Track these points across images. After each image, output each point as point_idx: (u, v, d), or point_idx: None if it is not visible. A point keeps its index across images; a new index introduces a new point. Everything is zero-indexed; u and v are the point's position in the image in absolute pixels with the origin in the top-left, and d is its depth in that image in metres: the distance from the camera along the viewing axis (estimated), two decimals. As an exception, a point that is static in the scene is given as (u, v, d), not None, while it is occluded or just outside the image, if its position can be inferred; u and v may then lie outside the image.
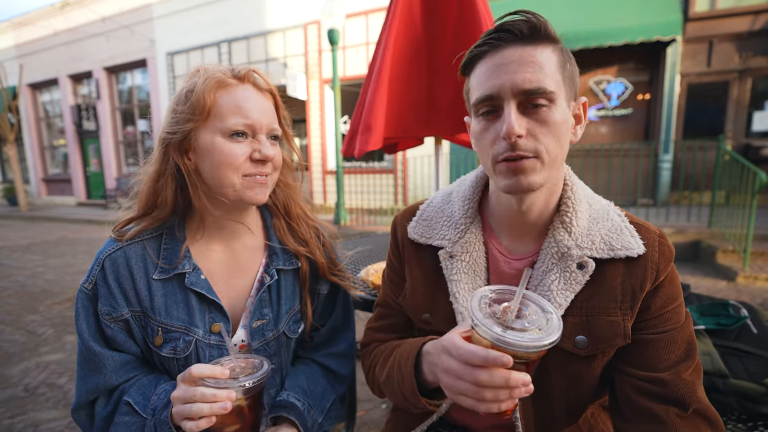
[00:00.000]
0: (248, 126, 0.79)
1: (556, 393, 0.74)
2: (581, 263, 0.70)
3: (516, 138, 0.63)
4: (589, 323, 0.69)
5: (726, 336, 1.22)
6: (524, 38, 0.64)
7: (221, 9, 10.04)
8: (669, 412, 0.64)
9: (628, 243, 0.69)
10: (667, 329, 0.69)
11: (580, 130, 0.73)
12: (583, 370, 0.71)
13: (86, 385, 0.79)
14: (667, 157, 6.97)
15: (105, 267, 0.80)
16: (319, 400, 0.94)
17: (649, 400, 0.66)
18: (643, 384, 0.67)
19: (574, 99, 0.70)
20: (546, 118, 0.64)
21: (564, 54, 0.67)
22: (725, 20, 6.53)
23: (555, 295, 0.70)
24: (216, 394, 0.65)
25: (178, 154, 0.80)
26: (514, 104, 0.64)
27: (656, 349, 0.68)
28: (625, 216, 0.75)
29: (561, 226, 0.73)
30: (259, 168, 0.81)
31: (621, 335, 0.68)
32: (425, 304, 0.83)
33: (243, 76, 0.81)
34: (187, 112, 0.78)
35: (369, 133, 1.60)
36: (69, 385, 2.51)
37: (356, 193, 8.80)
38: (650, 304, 0.69)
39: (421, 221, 0.87)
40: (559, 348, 0.68)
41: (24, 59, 13.58)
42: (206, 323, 0.85)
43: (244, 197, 0.81)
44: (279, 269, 0.93)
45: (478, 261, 0.79)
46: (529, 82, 0.63)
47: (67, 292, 4.39)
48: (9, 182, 14.83)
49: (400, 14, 1.63)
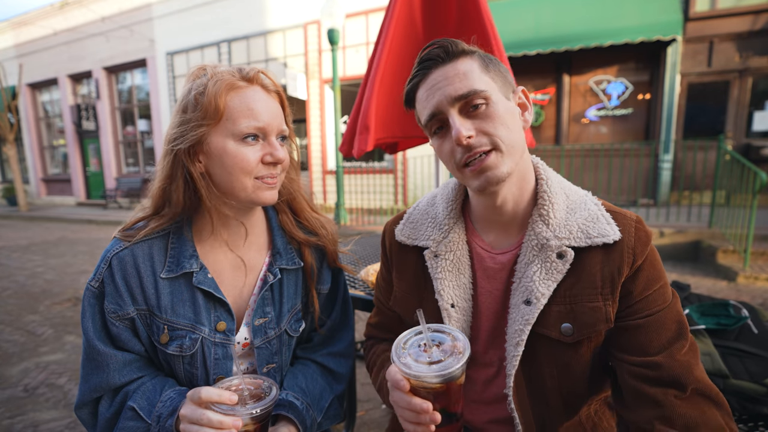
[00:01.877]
0: (260, 129, 0.79)
1: (548, 382, 0.76)
2: (560, 253, 0.72)
3: (467, 140, 0.69)
4: (573, 311, 0.72)
5: (726, 336, 1.22)
6: (444, 60, 0.73)
7: (221, 9, 10.04)
8: (667, 395, 0.65)
9: (605, 230, 0.72)
10: (653, 311, 0.70)
11: (528, 115, 0.79)
12: (571, 357, 0.73)
13: (88, 383, 0.80)
14: (667, 157, 6.97)
15: (112, 265, 0.80)
16: (317, 400, 0.94)
17: (647, 384, 0.67)
18: (639, 369, 0.68)
19: (512, 91, 0.77)
20: (488, 113, 0.71)
21: (484, 59, 0.75)
22: (725, 20, 6.53)
23: (537, 285, 0.72)
24: (222, 421, 0.65)
25: (188, 158, 0.80)
26: (454, 112, 0.71)
27: (646, 332, 0.69)
28: (602, 205, 0.77)
29: (539, 219, 0.76)
30: (271, 170, 0.82)
31: (603, 320, 0.70)
32: (415, 303, 0.86)
33: (252, 77, 0.81)
34: (199, 117, 0.77)
35: (367, 133, 1.60)
36: (69, 385, 2.51)
37: (356, 193, 8.80)
38: (631, 288, 0.70)
39: (408, 224, 0.91)
40: (546, 337, 0.73)
41: (24, 59, 13.58)
42: (212, 321, 0.85)
43: (255, 199, 0.82)
44: (282, 268, 0.94)
45: (461, 259, 0.83)
46: (460, 89, 0.70)
47: (66, 292, 4.39)
48: (8, 182, 14.84)
49: (399, 14, 1.63)
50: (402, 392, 0.63)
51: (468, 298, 0.82)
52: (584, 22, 6.74)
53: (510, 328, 0.76)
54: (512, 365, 0.75)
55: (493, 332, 0.83)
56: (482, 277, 0.83)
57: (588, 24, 6.70)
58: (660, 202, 7.00)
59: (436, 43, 0.74)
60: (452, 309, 0.80)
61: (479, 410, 0.87)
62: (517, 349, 0.74)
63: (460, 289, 0.82)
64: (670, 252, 5.09)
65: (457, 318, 0.81)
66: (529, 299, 0.73)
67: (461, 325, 0.81)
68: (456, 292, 0.81)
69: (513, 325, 0.75)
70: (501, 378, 0.82)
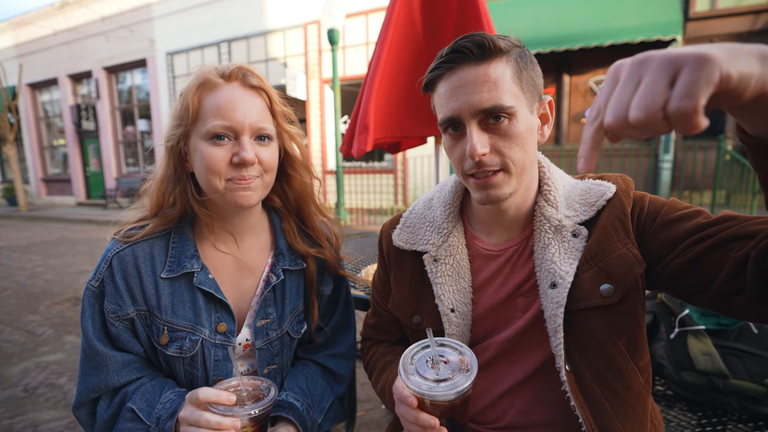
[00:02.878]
0: (228, 128, 0.76)
1: (618, 358, 0.70)
2: (574, 232, 0.74)
3: (480, 156, 0.67)
4: (603, 270, 0.70)
5: (726, 336, 1.22)
6: (476, 57, 0.67)
7: (221, 9, 10.04)
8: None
9: (600, 191, 0.75)
10: (685, 210, 0.68)
11: (547, 129, 0.77)
12: (628, 319, 0.70)
13: (86, 383, 0.79)
14: (667, 157, 6.97)
15: (113, 265, 0.80)
16: (318, 401, 0.94)
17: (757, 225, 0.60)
18: (720, 233, 0.62)
19: (539, 101, 0.73)
20: (508, 131, 0.68)
21: (519, 62, 0.69)
22: (725, 20, 6.53)
23: (559, 265, 0.72)
24: (221, 422, 0.65)
25: (179, 159, 0.81)
26: (474, 123, 0.68)
27: (695, 220, 0.65)
28: (588, 178, 0.81)
29: (546, 204, 0.77)
30: (241, 172, 0.78)
31: (635, 262, 0.69)
32: (414, 307, 0.86)
33: (229, 74, 0.79)
34: (179, 117, 0.78)
35: (367, 133, 1.60)
36: (69, 385, 2.51)
37: (356, 193, 8.80)
38: (643, 221, 0.71)
39: (405, 228, 0.89)
40: (592, 309, 0.69)
41: (23, 59, 13.58)
42: (212, 323, 0.85)
43: (229, 201, 0.80)
44: (285, 269, 0.93)
45: (461, 263, 0.82)
46: (487, 101, 0.66)
47: (66, 292, 4.39)
48: (8, 182, 14.83)
49: (399, 14, 1.63)
50: (410, 408, 0.63)
51: (467, 302, 0.81)
52: (584, 21, 6.74)
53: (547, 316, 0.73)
54: (558, 355, 0.70)
55: (494, 334, 0.82)
56: (485, 279, 0.82)
57: (588, 24, 6.70)
58: (660, 202, 6.99)
59: (472, 36, 0.68)
60: (452, 314, 0.80)
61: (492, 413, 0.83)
62: (557, 336, 0.70)
63: (460, 293, 0.81)
64: (670, 252, 5.09)
65: (456, 322, 0.80)
66: (554, 282, 0.71)
67: (461, 329, 0.81)
68: (456, 297, 0.81)
69: (547, 312, 0.72)
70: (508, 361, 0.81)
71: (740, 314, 0.62)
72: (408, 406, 0.63)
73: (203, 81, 0.78)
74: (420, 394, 0.62)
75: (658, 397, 1.21)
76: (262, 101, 0.83)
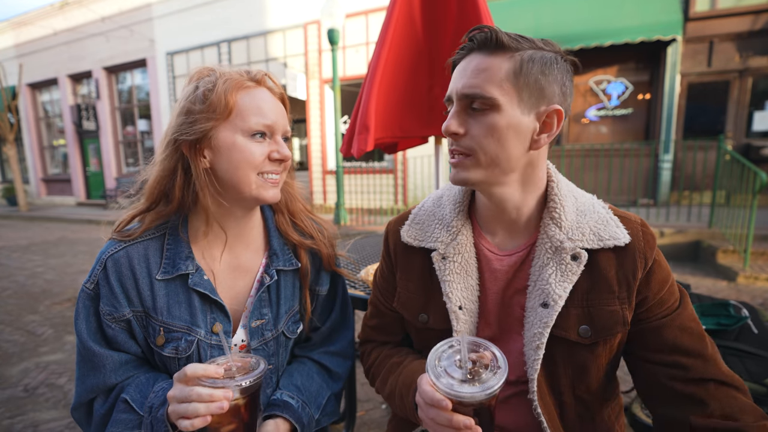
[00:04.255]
0: (268, 127, 0.82)
1: (562, 381, 0.77)
2: (574, 255, 0.73)
3: (451, 135, 0.72)
4: (590, 314, 0.73)
5: (726, 336, 1.22)
6: (481, 48, 0.71)
7: (221, 9, 10.04)
8: (701, 390, 0.69)
9: (615, 233, 0.74)
10: (671, 309, 0.74)
11: (545, 138, 0.72)
12: (587, 358, 0.75)
13: (85, 384, 0.80)
14: (667, 157, 6.97)
15: (107, 267, 0.80)
16: (314, 397, 0.94)
17: (680, 383, 0.70)
18: (671, 370, 0.71)
19: (544, 107, 0.70)
20: (485, 121, 0.70)
21: (524, 64, 0.68)
22: (725, 20, 6.53)
23: (554, 287, 0.73)
24: (212, 393, 0.65)
25: (194, 153, 0.80)
26: (458, 105, 0.72)
27: (671, 331, 0.72)
28: (609, 208, 0.79)
29: (551, 222, 0.76)
30: (276, 167, 0.85)
31: (620, 323, 0.73)
32: (420, 305, 0.86)
33: (259, 79, 0.84)
34: (207, 111, 0.78)
35: (367, 133, 1.60)
36: (68, 385, 2.51)
37: (356, 193, 8.80)
38: (646, 291, 0.73)
39: (414, 225, 0.89)
40: (564, 339, 0.74)
41: (23, 59, 13.58)
42: (208, 323, 0.85)
43: (258, 196, 0.83)
44: (279, 270, 0.94)
45: (469, 261, 0.82)
46: (469, 87, 0.70)
47: (66, 292, 4.39)
48: (8, 182, 14.83)
49: (399, 14, 1.63)
50: (442, 411, 0.62)
51: (474, 300, 0.82)
52: (584, 21, 6.74)
53: (528, 332, 0.76)
54: (534, 369, 0.75)
55: (496, 333, 0.83)
56: (489, 279, 0.83)
57: (588, 24, 6.70)
58: (660, 202, 6.99)
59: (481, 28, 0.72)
60: (460, 311, 0.80)
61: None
62: (538, 353, 0.74)
63: (468, 291, 0.81)
64: (670, 252, 5.09)
65: (464, 320, 0.80)
66: (546, 302, 0.73)
67: (468, 327, 0.81)
68: (464, 294, 0.81)
69: (531, 329, 0.75)
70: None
71: None
72: (441, 410, 0.62)
73: (238, 82, 0.81)
74: (453, 396, 0.61)
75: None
76: (282, 105, 0.88)
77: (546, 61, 0.70)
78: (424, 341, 0.88)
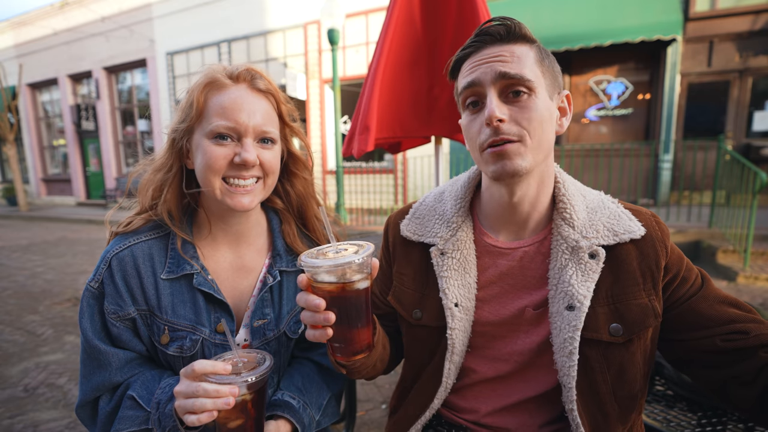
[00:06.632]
0: (231, 129, 0.77)
1: (602, 388, 0.73)
2: (592, 253, 0.73)
3: (497, 122, 0.68)
4: (618, 310, 0.71)
5: (727, 336, 1.22)
6: (502, 39, 0.71)
7: (221, 9, 10.04)
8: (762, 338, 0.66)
9: (629, 226, 0.73)
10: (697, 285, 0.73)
11: (566, 121, 0.78)
12: (624, 357, 0.72)
13: (90, 382, 0.79)
14: (667, 157, 6.97)
15: (112, 266, 0.80)
16: (315, 398, 0.94)
17: (742, 341, 0.67)
18: (731, 335, 0.67)
19: (558, 92, 0.75)
20: (527, 105, 0.69)
21: (541, 52, 0.73)
22: (725, 20, 6.53)
23: (577, 288, 0.71)
24: (219, 389, 0.65)
25: (181, 153, 0.82)
26: (494, 92, 0.69)
27: (709, 305, 0.70)
28: (619, 203, 0.79)
29: (563, 223, 0.75)
30: (241, 172, 0.79)
31: (652, 315, 0.71)
32: (415, 300, 0.85)
33: (237, 75, 0.81)
34: (187, 111, 0.79)
35: (368, 133, 1.60)
36: (68, 385, 2.51)
37: (356, 193, 8.80)
38: (671, 277, 0.72)
39: (414, 219, 0.89)
40: (596, 341, 0.71)
41: (23, 59, 13.58)
42: (212, 322, 0.85)
43: (225, 203, 0.80)
44: (282, 270, 0.94)
45: (468, 258, 0.81)
46: (509, 67, 0.68)
47: (66, 292, 4.39)
48: (8, 182, 14.83)
49: (399, 15, 1.63)
50: (303, 291, 0.65)
51: (471, 298, 0.81)
52: (584, 21, 6.74)
53: (557, 338, 0.73)
54: (570, 376, 0.72)
55: (495, 333, 0.82)
56: (490, 276, 0.81)
57: (588, 24, 6.70)
58: (660, 202, 7.00)
59: (499, 19, 0.72)
60: (456, 308, 0.79)
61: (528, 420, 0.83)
62: (572, 358, 0.71)
63: (465, 288, 0.80)
64: (670, 252, 5.09)
65: (459, 317, 0.80)
66: (571, 304, 0.71)
67: (463, 324, 0.80)
68: (461, 292, 0.80)
69: (560, 335, 0.72)
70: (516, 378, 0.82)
71: (734, 402, 0.68)
72: (301, 288, 0.65)
73: (211, 80, 0.79)
74: (309, 269, 0.63)
75: (658, 397, 1.21)
76: (269, 104, 0.84)
77: (550, 53, 0.75)
78: (415, 340, 0.87)
